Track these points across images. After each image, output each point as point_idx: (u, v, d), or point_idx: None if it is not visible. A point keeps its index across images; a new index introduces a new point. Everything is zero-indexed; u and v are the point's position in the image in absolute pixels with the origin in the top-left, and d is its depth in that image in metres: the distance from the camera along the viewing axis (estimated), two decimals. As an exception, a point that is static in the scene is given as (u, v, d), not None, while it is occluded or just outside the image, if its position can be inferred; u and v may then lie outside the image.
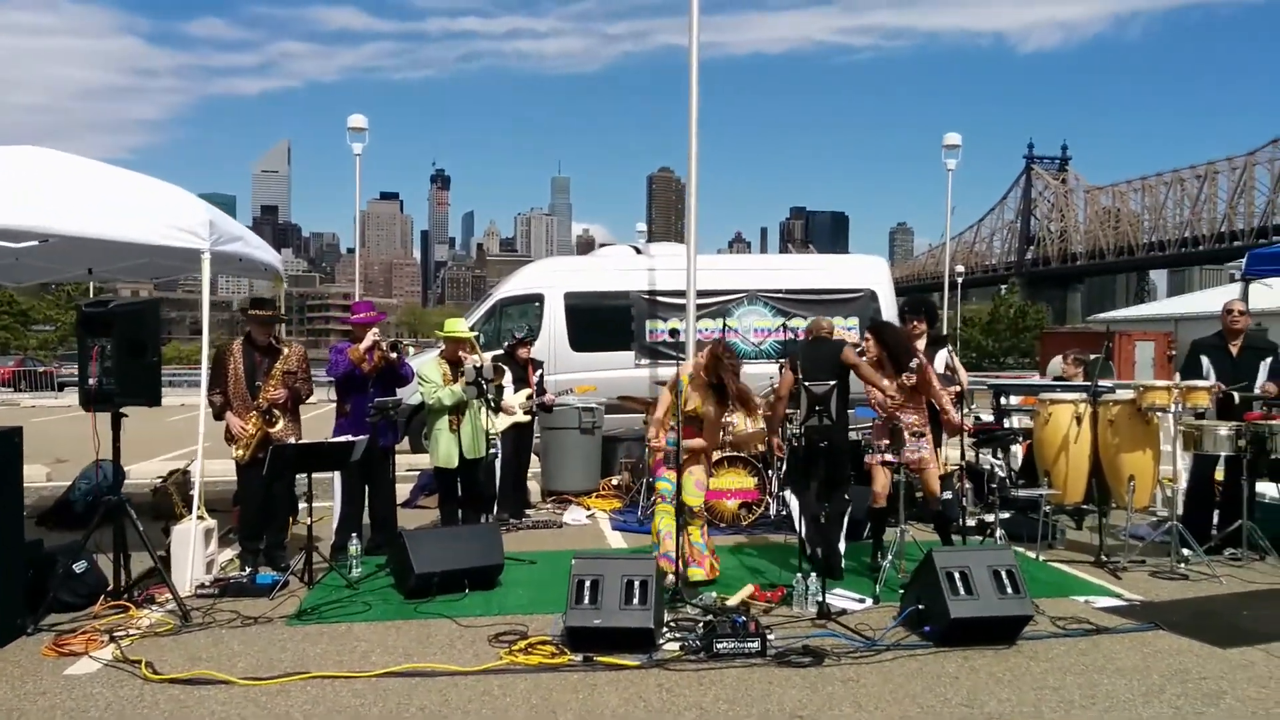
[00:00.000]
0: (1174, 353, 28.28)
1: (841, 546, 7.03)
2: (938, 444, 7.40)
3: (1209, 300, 33.43)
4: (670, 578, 6.32)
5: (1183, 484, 8.14)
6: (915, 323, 7.80)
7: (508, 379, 9.14)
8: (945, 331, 8.28)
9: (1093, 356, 9.51)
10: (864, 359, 7.02)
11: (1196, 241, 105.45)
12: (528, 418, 9.54)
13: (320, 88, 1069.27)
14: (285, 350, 7.34)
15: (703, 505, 6.88)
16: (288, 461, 6.95)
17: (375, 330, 7.65)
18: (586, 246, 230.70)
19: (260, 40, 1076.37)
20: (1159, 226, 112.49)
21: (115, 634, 5.50)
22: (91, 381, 5.99)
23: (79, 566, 6.07)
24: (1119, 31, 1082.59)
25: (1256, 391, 7.68)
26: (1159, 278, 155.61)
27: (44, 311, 65.64)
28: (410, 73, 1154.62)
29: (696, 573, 6.60)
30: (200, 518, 6.85)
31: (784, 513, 8.81)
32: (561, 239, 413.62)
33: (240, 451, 7.13)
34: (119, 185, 6.98)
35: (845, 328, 13.07)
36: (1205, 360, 7.88)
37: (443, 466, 7.83)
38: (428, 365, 7.91)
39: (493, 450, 8.31)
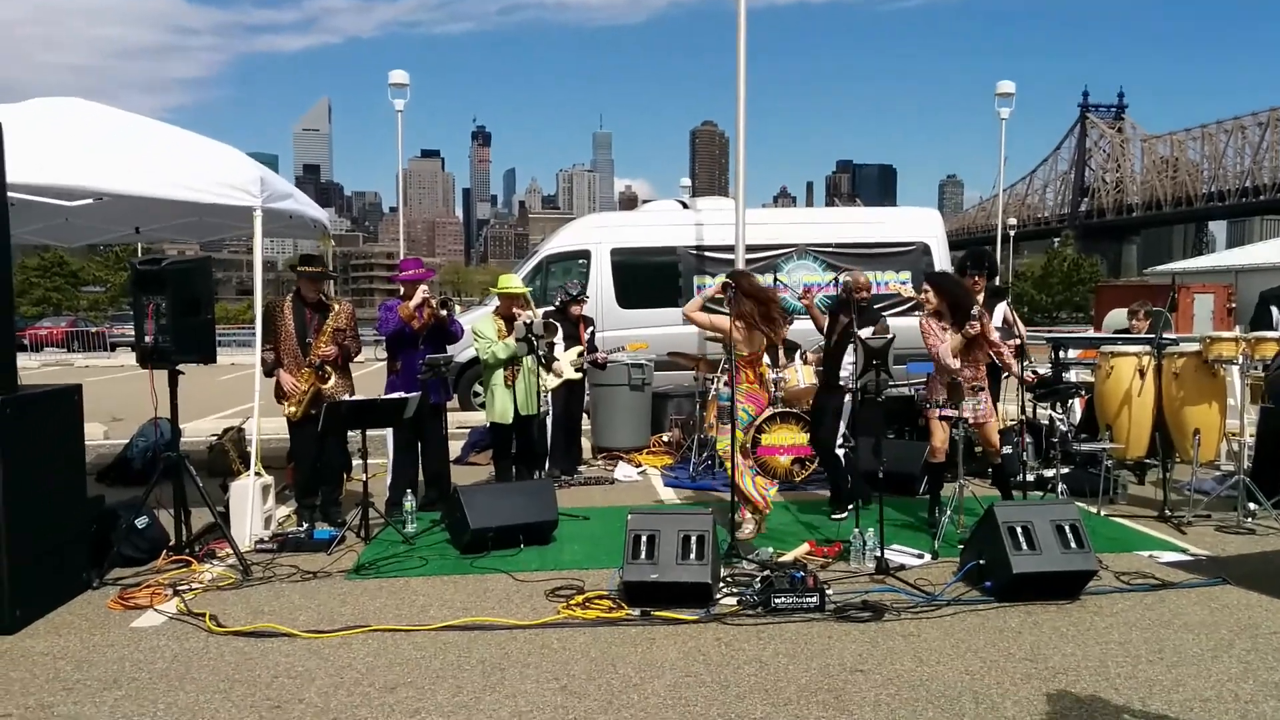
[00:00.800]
0: (1234, 305, 27.63)
1: None
2: (995, 399, 7.27)
3: (1272, 251, 32.62)
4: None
5: (1249, 438, 7.94)
6: (976, 278, 7.64)
7: (559, 336, 9.12)
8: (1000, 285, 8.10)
9: (1156, 309, 9.27)
10: (925, 311, 6.88)
11: (1258, 191, 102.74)
12: (579, 375, 9.52)
13: (360, 44, 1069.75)
14: (335, 307, 7.37)
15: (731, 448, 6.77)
16: (342, 418, 7.00)
17: (424, 287, 7.62)
18: (629, 202, 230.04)
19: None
20: (1219, 176, 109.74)
21: (178, 588, 5.59)
22: (148, 339, 6.03)
23: (141, 522, 6.17)
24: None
25: (1328, 343, 7.45)
26: (1218, 229, 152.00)
27: (93, 272, 66.79)
28: (450, 26, 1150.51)
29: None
30: (258, 474, 6.91)
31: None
32: (604, 195, 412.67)
33: (293, 408, 7.17)
34: (170, 143, 6.98)
35: (899, 281, 12.86)
36: (1275, 311, 7.65)
37: (499, 422, 7.85)
38: (483, 321, 7.92)
39: (544, 408, 8.30)
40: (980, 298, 7.62)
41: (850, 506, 7.00)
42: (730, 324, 6.46)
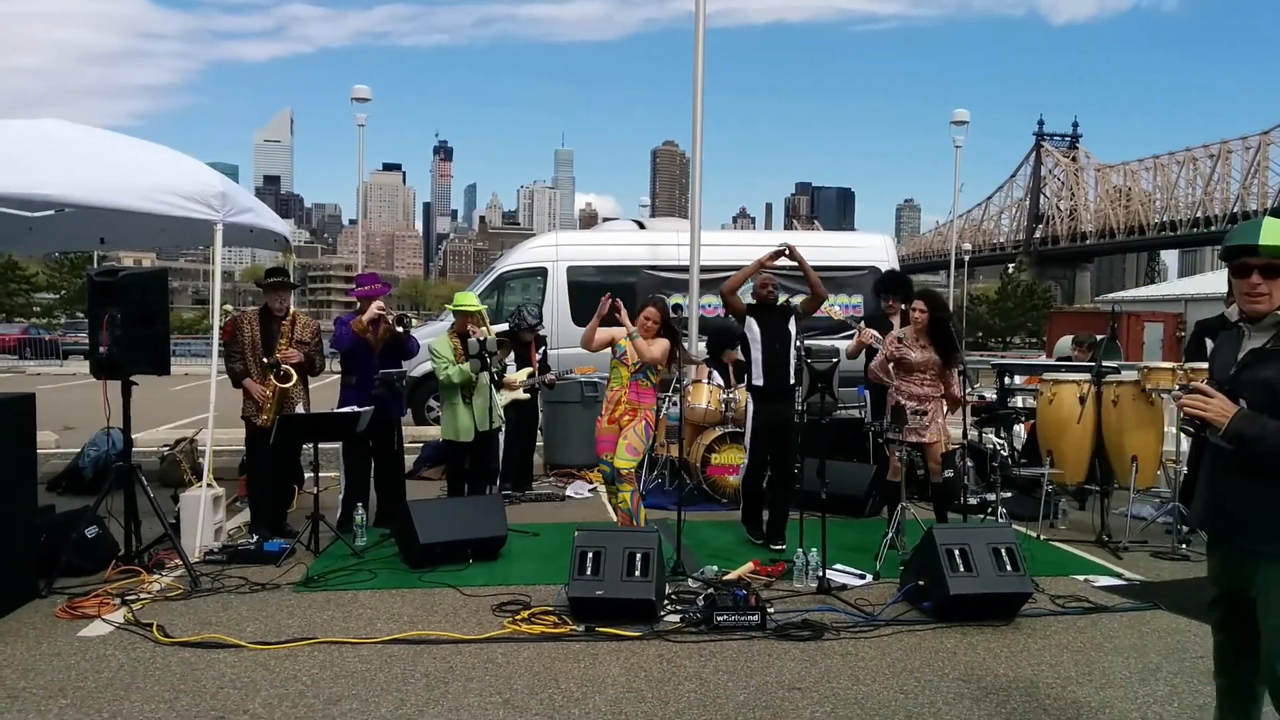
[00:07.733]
0: (1183, 334, 28.27)
1: None
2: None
3: (1219, 281, 33.34)
4: None
5: (1185, 465, 8.16)
6: (890, 301, 7.84)
7: (510, 356, 9.17)
8: (952, 309, 8.41)
9: (1098, 337, 9.52)
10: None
11: (1209, 221, 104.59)
12: (527, 396, 9.56)
13: (329, 54, 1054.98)
14: (299, 318, 7.42)
15: (632, 470, 6.96)
16: (296, 432, 7.01)
17: (379, 302, 7.65)
18: (589, 220, 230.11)
19: (269, 3, 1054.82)
20: (1171, 206, 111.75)
21: (126, 598, 5.61)
22: (102, 350, 6.05)
23: (91, 532, 6.16)
24: (1155, 1, 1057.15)
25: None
26: (1170, 258, 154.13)
27: (49, 277, 65.58)
28: (421, 38, 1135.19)
29: None
30: (209, 485, 6.91)
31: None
32: (564, 212, 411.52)
33: (265, 417, 7.16)
34: (134, 156, 6.99)
35: (851, 305, 13.07)
36: (1210, 343, 7.89)
37: (457, 439, 7.86)
38: (440, 341, 7.91)
39: (498, 424, 8.35)
40: (896, 320, 7.83)
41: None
42: (672, 348, 6.66)
